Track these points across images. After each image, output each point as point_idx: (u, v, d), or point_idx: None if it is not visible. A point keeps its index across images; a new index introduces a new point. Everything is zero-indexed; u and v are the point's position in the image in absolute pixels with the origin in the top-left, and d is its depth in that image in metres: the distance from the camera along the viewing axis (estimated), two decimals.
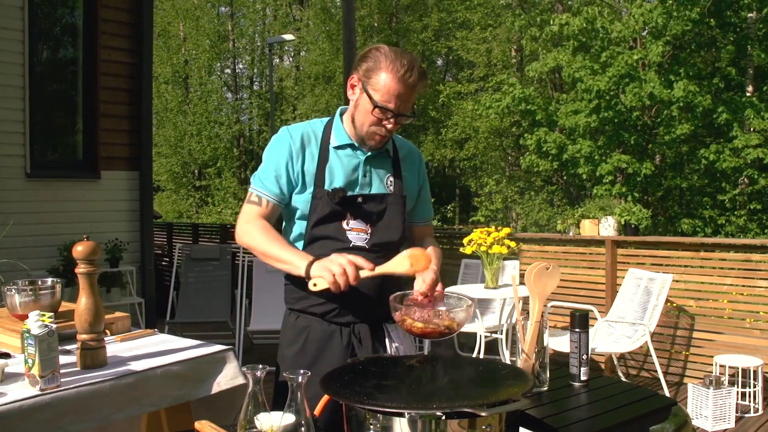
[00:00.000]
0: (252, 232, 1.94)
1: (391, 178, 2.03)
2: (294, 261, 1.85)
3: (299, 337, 2.00)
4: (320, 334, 1.98)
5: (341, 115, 2.03)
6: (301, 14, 26.24)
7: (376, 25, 24.27)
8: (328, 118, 2.05)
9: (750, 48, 13.94)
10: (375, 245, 1.97)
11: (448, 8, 24.00)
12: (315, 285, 1.78)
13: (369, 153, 1.99)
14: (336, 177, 1.96)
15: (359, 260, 1.79)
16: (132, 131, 6.51)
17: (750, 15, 13.73)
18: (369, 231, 1.97)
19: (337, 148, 1.99)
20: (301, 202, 1.98)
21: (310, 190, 1.96)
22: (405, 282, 1.93)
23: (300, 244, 1.99)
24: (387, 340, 2.01)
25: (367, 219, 1.98)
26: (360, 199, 1.97)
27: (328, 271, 1.75)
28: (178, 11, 26.76)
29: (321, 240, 1.96)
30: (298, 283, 1.98)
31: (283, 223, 2.08)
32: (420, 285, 1.83)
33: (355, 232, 1.97)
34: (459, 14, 23.01)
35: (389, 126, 1.91)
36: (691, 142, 14.49)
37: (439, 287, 1.85)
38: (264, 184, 1.97)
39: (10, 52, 5.63)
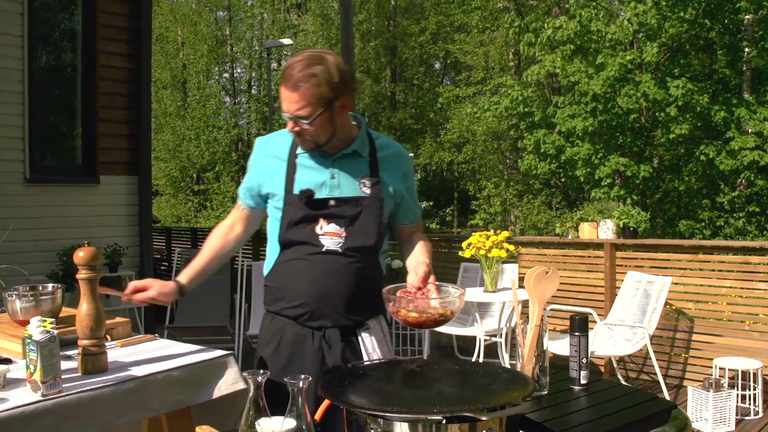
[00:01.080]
0: (214, 230, 2.15)
1: (367, 180, 2.00)
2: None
3: (273, 338, 2.02)
4: (293, 337, 1.99)
5: None
6: (299, 20, 26.26)
7: (374, 29, 24.29)
8: None
9: (747, 50, 13.96)
10: (349, 249, 1.95)
11: (445, 11, 24.04)
12: None
13: (335, 155, 1.99)
14: (304, 180, 1.97)
15: None
16: (131, 136, 6.52)
17: (747, 17, 13.75)
18: (343, 235, 1.96)
19: (303, 153, 2.00)
20: (275, 207, 2.02)
21: (281, 195, 1.98)
22: (378, 290, 1.88)
23: (277, 248, 2.03)
24: (361, 348, 2.00)
25: (341, 223, 1.96)
26: (333, 202, 1.96)
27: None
28: (176, 16, 26.79)
29: (295, 245, 1.98)
30: (275, 285, 2.03)
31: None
32: (413, 278, 1.82)
33: (329, 236, 1.95)
34: (456, 17, 23.06)
35: (288, 128, 1.92)
36: (689, 143, 14.51)
37: (431, 279, 1.83)
38: (240, 194, 2.13)
39: (10, 58, 5.64)
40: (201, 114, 25.55)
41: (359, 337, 2.00)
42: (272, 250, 2.06)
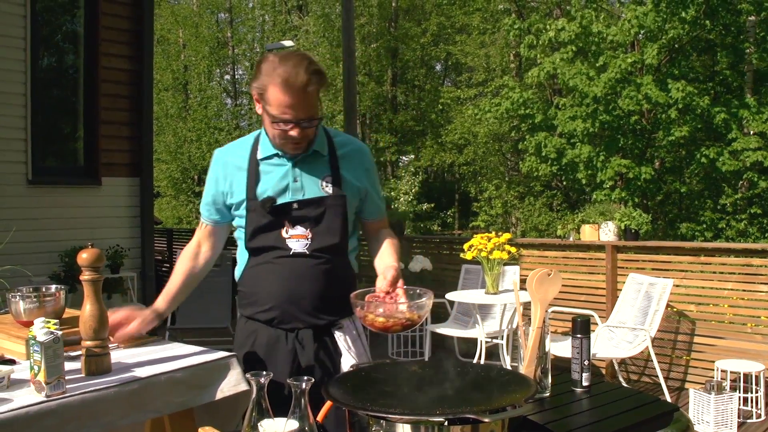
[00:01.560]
0: (180, 256, 2.13)
1: (329, 179, 1.99)
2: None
3: (248, 340, 2.04)
4: (266, 338, 2.00)
5: None
6: (300, 22, 26.29)
7: (375, 30, 24.31)
8: (259, 131, 2.05)
9: (749, 51, 13.97)
10: (316, 250, 1.95)
11: (447, 13, 24.06)
12: None
13: (295, 158, 1.97)
14: (267, 187, 1.96)
15: None
16: (132, 137, 6.54)
17: (750, 18, 13.76)
18: (309, 236, 1.96)
19: (264, 159, 1.99)
20: (240, 216, 2.02)
21: (244, 204, 1.98)
22: (350, 289, 1.89)
23: (245, 254, 2.04)
24: (332, 347, 2.00)
25: (306, 224, 1.96)
26: (296, 205, 1.95)
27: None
28: (178, 18, 26.84)
29: (262, 252, 1.98)
30: (246, 290, 2.06)
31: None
32: (381, 282, 1.82)
33: (295, 239, 1.95)
34: (457, 19, 23.07)
35: (294, 134, 1.87)
36: (691, 145, 14.51)
37: (400, 283, 1.82)
38: (202, 210, 2.11)
39: (13, 60, 5.66)
40: (202, 116, 25.58)
41: (333, 336, 2.01)
42: (241, 255, 2.07)
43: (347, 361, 1.98)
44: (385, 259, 2.03)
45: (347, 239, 2.02)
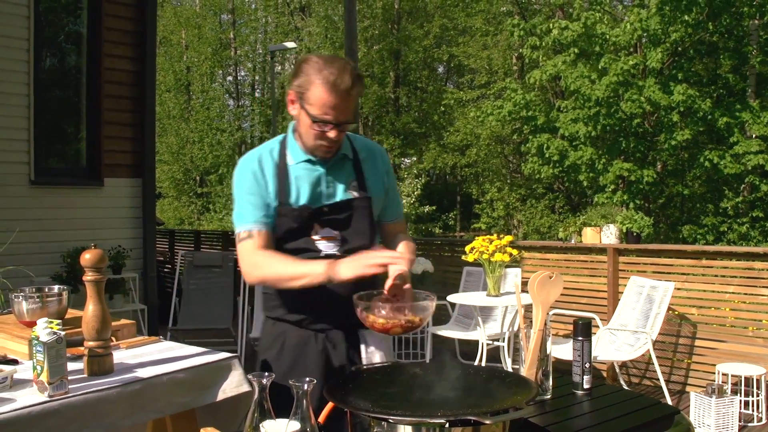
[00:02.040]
0: (258, 263, 1.93)
1: (355, 182, 2.02)
2: (311, 271, 1.84)
3: (276, 342, 2.03)
4: (296, 339, 2.00)
5: (294, 131, 2.02)
6: (302, 23, 26.32)
7: (377, 32, 24.33)
8: (283, 136, 2.06)
9: (752, 55, 13.96)
10: (346, 252, 1.97)
11: (449, 14, 24.08)
12: None
13: (327, 164, 1.99)
14: (301, 193, 1.97)
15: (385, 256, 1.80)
16: (135, 138, 6.54)
17: (754, 21, 13.75)
18: (339, 238, 1.98)
19: (296, 164, 1.99)
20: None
21: (274, 207, 1.98)
22: (377, 288, 1.89)
23: None
24: (362, 346, 2.02)
25: (335, 227, 1.98)
26: (326, 209, 1.98)
27: (364, 268, 1.78)
28: (180, 19, 26.88)
29: (292, 254, 1.97)
30: (274, 292, 2.04)
31: None
32: (388, 284, 1.83)
33: (325, 241, 1.97)
34: (460, 20, 23.08)
35: (332, 137, 1.89)
36: (692, 148, 14.50)
37: (406, 285, 1.84)
38: (246, 218, 1.95)
39: (15, 60, 5.66)
40: (204, 117, 25.61)
41: (361, 336, 2.03)
42: None
43: (375, 361, 2.00)
44: None
45: (375, 240, 2.06)
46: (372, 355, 2.02)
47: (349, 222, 1.99)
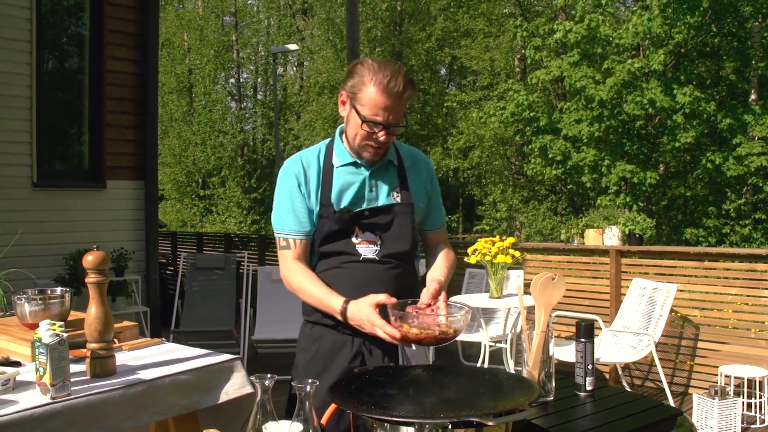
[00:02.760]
0: (294, 277, 2.00)
1: (398, 189, 2.04)
2: (330, 304, 1.91)
3: (312, 345, 2.04)
4: (332, 343, 2.01)
5: (341, 134, 2.04)
6: (305, 25, 26.35)
7: (380, 34, 24.34)
8: (330, 139, 2.08)
9: (755, 57, 13.95)
10: (385, 256, 1.99)
11: (452, 17, 24.08)
12: None
13: (372, 168, 2.01)
14: (344, 196, 1.99)
15: (377, 321, 1.80)
16: (137, 141, 6.55)
17: (756, 23, 13.74)
18: (379, 242, 1.99)
19: (341, 166, 2.01)
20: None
21: (317, 209, 1.99)
22: (415, 294, 1.93)
23: (313, 259, 2.05)
24: (399, 352, 2.01)
25: (376, 231, 2.00)
26: (367, 213, 1.99)
27: (360, 328, 1.85)
28: (183, 22, 26.91)
29: (332, 255, 2.00)
30: None
31: None
32: (425, 294, 1.85)
33: (365, 244, 1.99)
34: (462, 22, 23.08)
35: (381, 138, 1.91)
36: (695, 150, 14.49)
37: (442, 296, 1.86)
38: (286, 226, 2.02)
39: (18, 63, 5.67)
40: (207, 119, 25.63)
41: None
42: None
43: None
44: (435, 272, 2.08)
45: (416, 246, 2.08)
46: (409, 361, 1.99)
47: (389, 227, 2.01)
